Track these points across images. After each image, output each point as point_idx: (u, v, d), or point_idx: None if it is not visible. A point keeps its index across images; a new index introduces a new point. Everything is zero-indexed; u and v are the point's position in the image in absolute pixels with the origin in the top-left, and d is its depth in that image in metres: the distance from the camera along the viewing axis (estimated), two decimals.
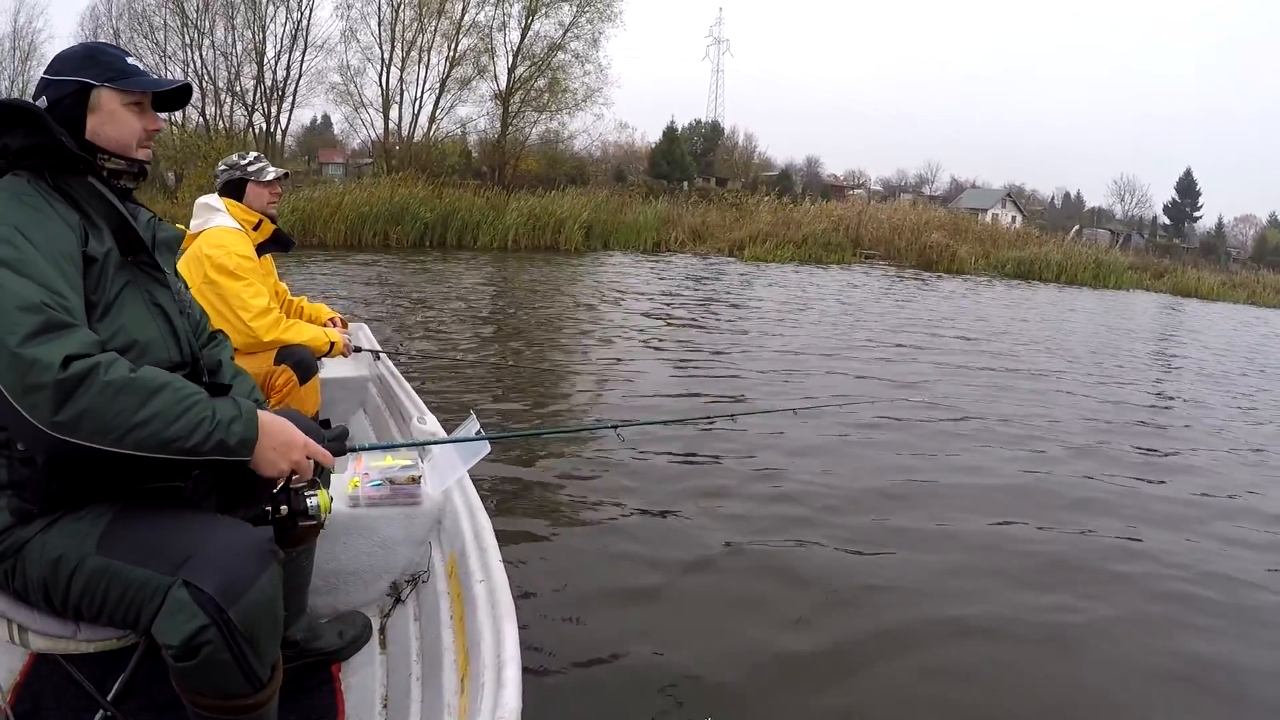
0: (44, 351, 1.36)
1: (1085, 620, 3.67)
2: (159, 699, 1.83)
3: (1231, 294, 32.19)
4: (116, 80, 1.70)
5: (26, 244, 1.47)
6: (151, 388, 1.44)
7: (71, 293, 1.49)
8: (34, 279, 1.43)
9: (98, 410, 1.38)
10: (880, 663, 3.20)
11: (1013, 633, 3.52)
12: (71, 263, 1.54)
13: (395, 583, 2.58)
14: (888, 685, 3.07)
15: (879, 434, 6.46)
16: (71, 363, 1.37)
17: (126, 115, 1.73)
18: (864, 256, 29.91)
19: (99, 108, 1.70)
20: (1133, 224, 72.02)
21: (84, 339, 1.43)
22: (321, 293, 12.16)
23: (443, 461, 2.48)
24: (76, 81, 1.68)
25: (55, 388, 1.35)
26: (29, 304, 1.39)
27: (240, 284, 3.35)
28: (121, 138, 1.73)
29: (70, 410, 1.36)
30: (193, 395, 1.50)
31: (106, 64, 1.71)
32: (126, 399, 1.40)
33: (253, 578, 1.49)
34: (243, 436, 1.54)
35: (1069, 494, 5.39)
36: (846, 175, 76.30)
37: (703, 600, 3.58)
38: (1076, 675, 3.24)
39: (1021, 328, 14.72)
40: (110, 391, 1.39)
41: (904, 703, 2.98)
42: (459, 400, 6.39)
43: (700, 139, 62.13)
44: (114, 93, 1.70)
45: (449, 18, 36.22)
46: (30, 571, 1.54)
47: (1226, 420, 8.47)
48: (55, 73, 1.69)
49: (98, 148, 1.70)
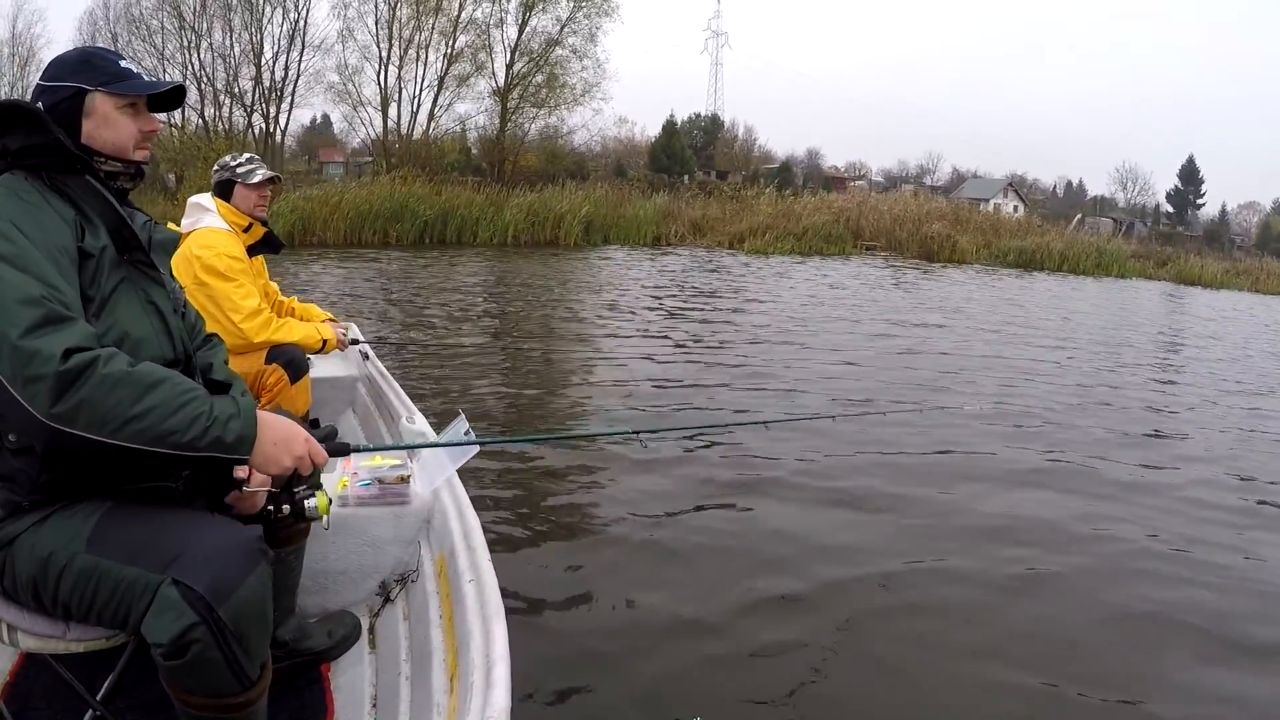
0: (45, 344, 1.37)
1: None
2: (149, 698, 1.83)
3: (1235, 282, 32.08)
4: (110, 84, 1.71)
5: (23, 238, 1.48)
6: (149, 381, 1.45)
7: (68, 287, 1.50)
8: (32, 273, 1.45)
9: (95, 402, 1.39)
10: (886, 665, 3.21)
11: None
12: (67, 256, 1.55)
13: (384, 582, 2.58)
14: (892, 689, 3.07)
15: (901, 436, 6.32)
16: (72, 355, 1.38)
17: (121, 118, 1.73)
18: (865, 248, 29.85)
19: (94, 112, 1.70)
20: (1135, 212, 71.67)
21: (83, 332, 1.44)
22: (320, 293, 12.16)
23: (432, 461, 2.49)
24: (71, 87, 1.69)
25: (55, 379, 1.36)
26: (29, 297, 1.40)
27: (230, 285, 3.37)
28: (117, 141, 1.73)
29: (68, 401, 1.37)
30: (191, 391, 1.51)
31: (100, 68, 1.72)
32: (124, 391, 1.41)
33: (242, 576, 1.50)
34: (241, 434, 1.54)
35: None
36: (847, 167, 76.13)
37: (695, 599, 3.57)
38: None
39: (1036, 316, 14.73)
40: (108, 384, 1.40)
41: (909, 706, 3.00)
42: (453, 396, 6.42)
43: (700, 132, 61.97)
44: (108, 96, 1.71)
45: (446, 15, 36.26)
46: (19, 569, 1.55)
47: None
48: (50, 79, 1.70)
49: (94, 151, 1.71)
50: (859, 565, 3.99)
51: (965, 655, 3.28)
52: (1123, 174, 78.93)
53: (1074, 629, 3.54)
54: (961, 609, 3.65)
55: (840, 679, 3.07)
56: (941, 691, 3.04)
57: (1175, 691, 3.15)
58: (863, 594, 3.72)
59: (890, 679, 3.11)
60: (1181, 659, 3.39)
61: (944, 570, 4.00)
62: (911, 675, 3.14)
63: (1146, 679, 3.22)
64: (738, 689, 2.95)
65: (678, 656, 3.11)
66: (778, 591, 3.69)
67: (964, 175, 75.07)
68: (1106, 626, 3.59)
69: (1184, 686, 3.20)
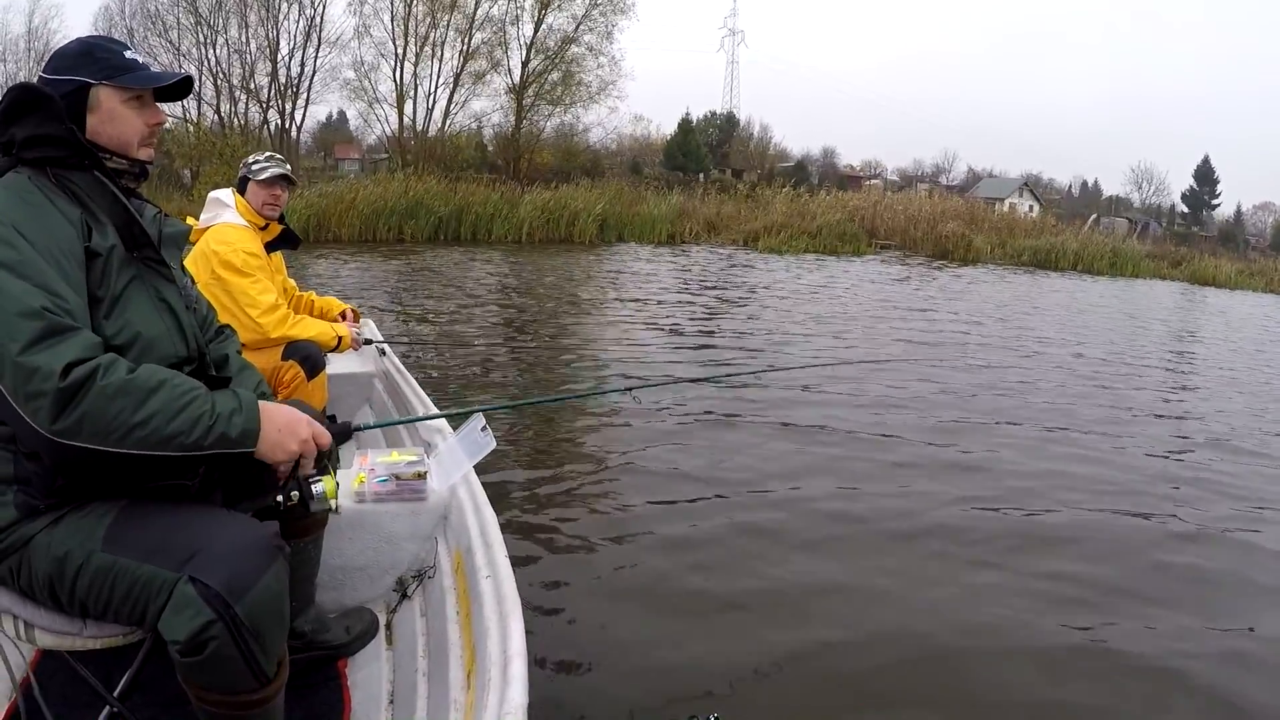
0: (45, 359, 1.36)
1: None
2: (166, 695, 1.82)
3: (1250, 282, 31.78)
4: (115, 76, 1.66)
5: (25, 244, 1.46)
6: (148, 387, 1.44)
7: (71, 293, 1.48)
8: (33, 280, 1.42)
9: (96, 414, 1.38)
10: (905, 657, 3.20)
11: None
12: (72, 259, 1.53)
13: (401, 579, 2.58)
14: (912, 679, 3.06)
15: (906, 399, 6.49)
16: (72, 370, 1.37)
17: (126, 112, 1.69)
18: (879, 247, 29.76)
19: (98, 106, 1.66)
20: (1150, 212, 71.23)
21: (84, 343, 1.42)
22: (335, 289, 12.19)
23: (448, 458, 2.48)
24: (74, 81, 1.64)
25: (56, 395, 1.35)
26: (29, 310, 1.38)
27: (247, 280, 3.37)
28: (123, 136, 1.69)
29: (70, 417, 1.36)
30: (191, 391, 1.49)
31: (104, 60, 1.66)
32: (124, 400, 1.40)
33: (258, 573, 1.49)
34: (244, 428, 1.53)
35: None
36: (863, 166, 75.99)
37: (714, 596, 3.56)
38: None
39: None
40: (107, 395, 1.39)
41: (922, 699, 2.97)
42: (468, 391, 6.42)
43: (715, 131, 61.96)
44: (113, 90, 1.66)
45: (462, 11, 36.33)
46: (36, 568, 1.54)
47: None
48: (53, 71, 1.65)
49: (99, 147, 1.66)
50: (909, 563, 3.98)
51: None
52: (1138, 174, 78.41)
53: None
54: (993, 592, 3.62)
55: (874, 680, 3.05)
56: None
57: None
58: (908, 594, 3.70)
59: (931, 671, 3.11)
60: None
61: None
62: (951, 668, 3.13)
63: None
64: (759, 686, 2.93)
65: (697, 653, 3.10)
66: (815, 593, 3.67)
67: (979, 174, 74.88)
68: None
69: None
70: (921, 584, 3.79)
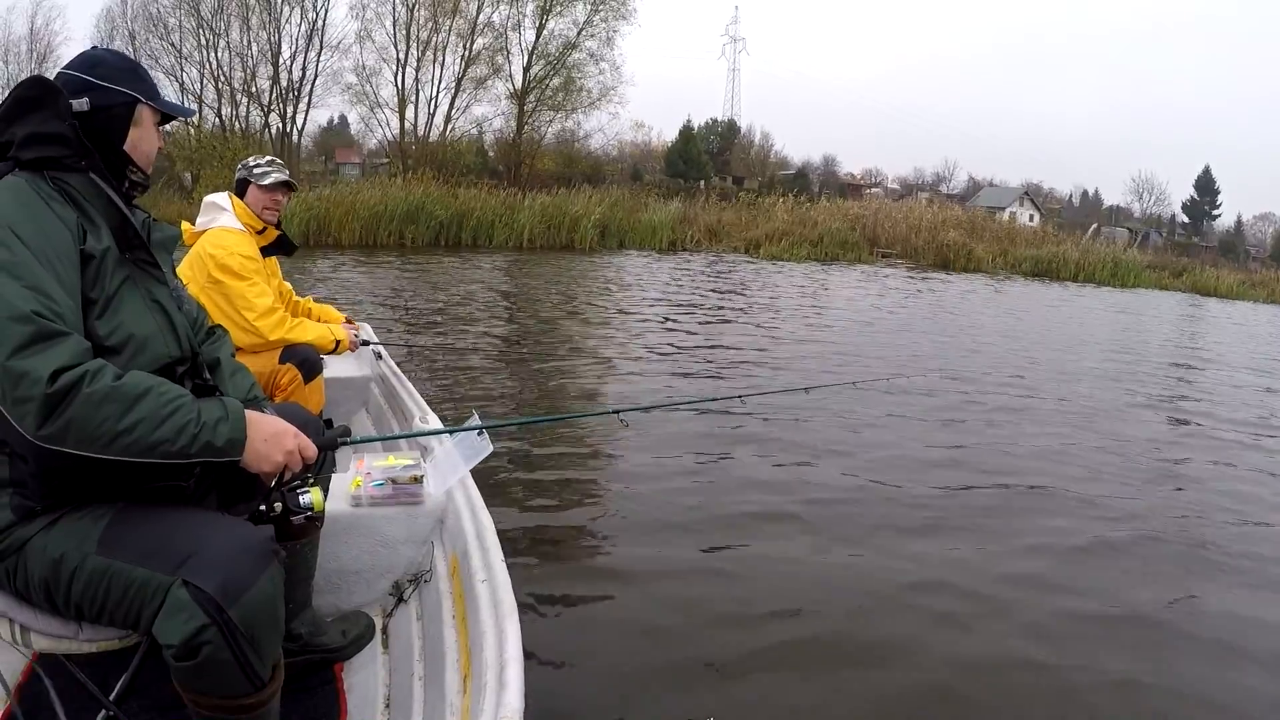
0: (33, 365, 1.36)
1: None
2: (162, 698, 1.83)
3: (1250, 293, 31.77)
4: (156, 100, 1.80)
5: (19, 245, 1.47)
6: (134, 394, 1.44)
7: (64, 295, 1.49)
8: (25, 282, 1.43)
9: (82, 420, 1.39)
10: (900, 661, 3.19)
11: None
12: (67, 262, 1.54)
13: (398, 582, 2.57)
14: (907, 684, 3.05)
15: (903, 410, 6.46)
16: (60, 376, 1.37)
17: (154, 133, 1.82)
18: (880, 255, 29.81)
19: (141, 122, 1.77)
20: (1151, 222, 71.33)
21: (73, 348, 1.42)
22: (333, 293, 12.21)
23: (445, 461, 2.47)
24: (127, 95, 1.73)
25: (42, 401, 1.36)
26: (19, 314, 1.39)
27: (244, 284, 3.37)
28: (150, 153, 1.81)
29: (55, 423, 1.37)
30: (177, 399, 1.50)
31: (148, 81, 1.80)
32: (109, 407, 1.41)
33: (253, 577, 1.49)
34: (230, 437, 1.54)
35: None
36: (864, 174, 76.20)
37: (710, 600, 3.56)
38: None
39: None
40: (93, 401, 1.39)
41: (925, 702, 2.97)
42: (466, 397, 6.42)
43: (717, 138, 62.12)
44: (153, 111, 1.80)
45: (464, 17, 36.44)
46: (32, 571, 1.54)
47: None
48: (103, 79, 1.71)
49: (130, 159, 1.76)
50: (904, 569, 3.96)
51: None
52: (1139, 183, 78.67)
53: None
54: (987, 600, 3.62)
55: (873, 682, 3.05)
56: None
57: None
58: (905, 599, 3.68)
59: (926, 677, 3.09)
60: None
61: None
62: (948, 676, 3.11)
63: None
64: (755, 690, 2.93)
65: (692, 657, 3.09)
66: (809, 594, 3.67)
67: (980, 183, 75.05)
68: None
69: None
70: (922, 589, 3.78)
